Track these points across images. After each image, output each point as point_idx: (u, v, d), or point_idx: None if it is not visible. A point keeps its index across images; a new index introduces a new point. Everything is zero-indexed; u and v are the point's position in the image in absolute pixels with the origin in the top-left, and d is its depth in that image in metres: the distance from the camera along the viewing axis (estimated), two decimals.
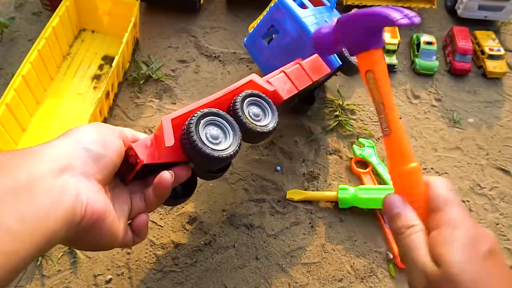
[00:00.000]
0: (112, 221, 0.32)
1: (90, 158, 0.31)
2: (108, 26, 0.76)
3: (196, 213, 0.58)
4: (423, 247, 0.31)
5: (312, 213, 0.60)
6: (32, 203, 0.26)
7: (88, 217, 0.29)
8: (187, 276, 0.53)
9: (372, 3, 0.84)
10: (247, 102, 0.43)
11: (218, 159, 0.37)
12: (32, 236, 0.25)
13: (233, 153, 0.39)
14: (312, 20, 0.59)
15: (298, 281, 0.54)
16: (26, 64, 0.61)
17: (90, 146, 0.31)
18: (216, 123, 0.39)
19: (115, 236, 0.33)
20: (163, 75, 0.73)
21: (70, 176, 0.29)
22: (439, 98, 0.77)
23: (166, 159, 0.38)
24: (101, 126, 0.35)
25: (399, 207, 0.33)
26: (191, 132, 0.37)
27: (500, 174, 0.68)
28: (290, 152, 0.65)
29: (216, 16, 0.85)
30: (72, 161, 0.30)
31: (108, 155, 0.32)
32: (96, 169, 0.31)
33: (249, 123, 0.41)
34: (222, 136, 0.39)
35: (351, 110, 0.72)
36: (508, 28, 0.91)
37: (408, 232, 0.32)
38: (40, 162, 0.28)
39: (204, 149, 0.36)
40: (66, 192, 0.28)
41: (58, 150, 0.30)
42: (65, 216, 0.27)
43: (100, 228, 0.31)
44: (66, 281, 0.51)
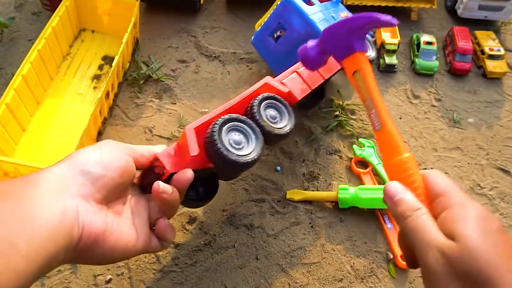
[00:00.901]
0: (118, 237, 0.33)
1: (87, 180, 0.32)
2: (108, 26, 0.76)
3: (196, 213, 0.58)
4: (433, 226, 0.30)
5: (312, 213, 0.60)
6: (37, 228, 0.27)
7: (85, 239, 0.30)
8: (187, 276, 0.53)
9: (372, 3, 0.84)
10: (264, 105, 0.44)
11: (244, 165, 0.38)
12: (38, 257, 0.26)
13: (257, 157, 0.39)
14: (319, 16, 0.60)
15: (298, 281, 0.54)
16: (26, 64, 0.61)
17: (87, 168, 0.32)
18: (237, 128, 0.40)
19: (126, 248, 0.34)
20: (163, 75, 0.73)
21: (68, 198, 0.30)
22: (439, 98, 0.77)
23: (191, 167, 0.38)
24: (106, 145, 0.35)
25: (401, 192, 0.33)
26: (215, 140, 0.37)
27: (500, 174, 0.68)
28: (290, 152, 0.65)
29: (216, 16, 0.85)
30: (69, 184, 0.31)
31: (108, 175, 0.33)
32: (94, 190, 0.32)
33: (268, 126, 0.42)
34: (244, 141, 0.40)
35: (351, 110, 0.72)
36: (508, 28, 0.91)
37: (415, 215, 0.31)
38: (41, 187, 0.29)
39: (229, 156, 0.37)
40: (65, 216, 0.29)
41: (55, 176, 0.31)
42: (64, 240, 0.28)
43: (100, 247, 0.32)
44: (66, 281, 0.51)
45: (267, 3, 0.75)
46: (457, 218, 0.30)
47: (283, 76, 0.51)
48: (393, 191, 0.33)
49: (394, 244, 0.57)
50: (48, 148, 0.62)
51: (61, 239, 0.28)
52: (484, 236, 0.28)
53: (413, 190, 0.34)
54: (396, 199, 0.33)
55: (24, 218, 0.27)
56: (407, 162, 0.35)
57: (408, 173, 0.35)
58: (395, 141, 0.37)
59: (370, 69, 0.40)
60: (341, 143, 0.68)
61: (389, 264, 0.56)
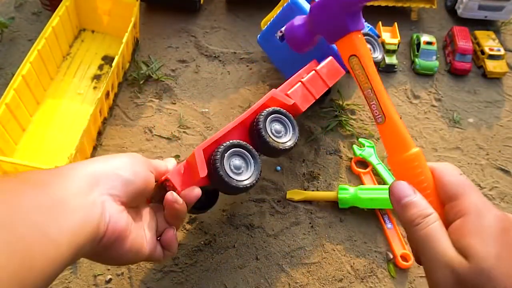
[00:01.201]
0: (133, 239, 0.34)
1: (119, 182, 0.33)
2: (108, 26, 0.76)
3: None
4: (445, 238, 0.27)
5: (312, 213, 0.60)
6: (67, 217, 0.28)
7: (109, 235, 0.31)
8: (187, 276, 0.53)
9: (372, 3, 0.84)
10: (270, 120, 0.46)
11: (241, 189, 0.42)
12: (68, 246, 0.27)
13: (255, 182, 0.43)
14: None
15: (298, 281, 0.54)
16: (26, 64, 0.61)
17: (121, 172, 0.34)
18: (238, 153, 0.43)
19: (138, 252, 0.35)
20: (163, 75, 0.73)
21: (98, 194, 0.31)
22: (439, 98, 0.77)
23: (199, 185, 0.42)
24: (135, 156, 0.37)
25: (410, 195, 0.29)
26: (217, 167, 0.40)
27: (500, 174, 0.68)
28: (290, 152, 0.65)
29: (216, 16, 0.85)
30: (101, 182, 0.32)
31: (136, 183, 0.35)
32: (123, 193, 0.33)
33: (272, 142, 0.45)
34: (244, 166, 0.43)
35: (351, 110, 0.72)
36: (508, 28, 0.91)
37: (425, 222, 0.27)
38: (73, 179, 0.31)
39: (229, 181, 0.41)
40: (94, 210, 0.30)
41: (91, 169, 0.32)
42: (92, 231, 0.29)
43: (120, 246, 0.33)
44: (66, 281, 0.51)
45: (267, 3, 0.75)
46: (473, 231, 0.26)
47: (288, 86, 0.52)
48: (401, 193, 0.29)
49: (394, 244, 0.57)
50: (48, 148, 0.62)
51: (89, 230, 0.29)
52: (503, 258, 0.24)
53: (421, 190, 0.30)
54: (403, 202, 0.29)
55: (56, 207, 0.28)
56: (414, 159, 0.31)
57: (416, 172, 0.30)
58: (400, 134, 0.32)
59: (368, 52, 0.35)
60: (341, 143, 0.68)
61: (389, 264, 0.56)
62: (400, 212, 0.30)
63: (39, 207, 0.27)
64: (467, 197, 0.28)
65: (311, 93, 0.53)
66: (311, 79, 0.53)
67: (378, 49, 0.62)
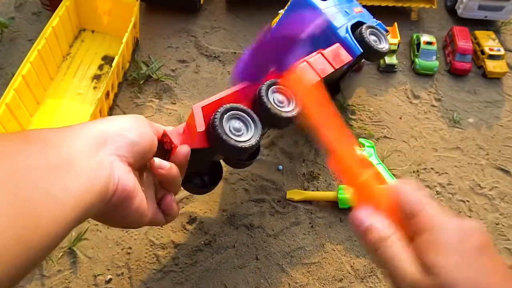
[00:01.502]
0: (140, 200, 0.34)
1: (125, 143, 0.33)
2: (108, 26, 0.76)
3: (196, 213, 0.58)
4: (406, 257, 0.27)
5: (312, 213, 0.60)
6: (74, 178, 0.27)
7: (119, 194, 0.31)
8: (187, 276, 0.53)
9: (372, 3, 0.84)
10: (272, 90, 0.46)
11: (241, 149, 0.40)
12: (75, 207, 0.27)
13: (254, 143, 0.41)
14: (332, 11, 0.61)
15: (298, 281, 0.54)
16: (26, 64, 0.61)
17: (127, 133, 0.34)
18: (238, 117, 0.43)
19: (142, 214, 0.35)
20: (163, 75, 0.73)
21: (105, 154, 0.31)
22: (439, 98, 0.77)
23: (199, 145, 0.40)
24: (139, 118, 0.37)
25: (367, 220, 0.30)
26: (216, 126, 0.40)
27: (500, 174, 0.68)
28: (290, 152, 0.65)
29: (216, 16, 0.85)
30: (108, 141, 0.32)
31: (142, 143, 0.34)
32: (129, 154, 0.33)
33: (273, 109, 0.44)
34: (244, 129, 0.42)
35: (351, 110, 0.72)
36: (508, 28, 0.91)
37: (385, 244, 0.28)
38: (80, 139, 0.30)
39: (228, 140, 0.40)
40: (102, 169, 0.30)
41: (97, 130, 0.32)
42: (101, 191, 0.29)
43: (128, 206, 0.33)
44: (66, 281, 0.51)
45: (267, 3, 0.75)
46: (433, 247, 0.26)
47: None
48: (359, 220, 0.30)
49: None
50: None
51: (98, 190, 0.29)
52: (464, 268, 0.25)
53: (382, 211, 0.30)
54: (362, 229, 0.30)
55: (61, 167, 0.27)
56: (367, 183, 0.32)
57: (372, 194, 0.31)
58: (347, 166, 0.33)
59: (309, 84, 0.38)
60: None
61: None
62: (361, 239, 0.30)
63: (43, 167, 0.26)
64: (424, 213, 0.28)
65: (316, 72, 0.52)
66: (317, 60, 0.53)
67: (383, 40, 0.62)
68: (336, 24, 0.59)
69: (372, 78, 0.77)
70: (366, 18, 0.66)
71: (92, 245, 0.54)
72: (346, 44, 0.58)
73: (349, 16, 0.63)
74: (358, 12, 0.66)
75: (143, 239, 0.55)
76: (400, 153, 0.68)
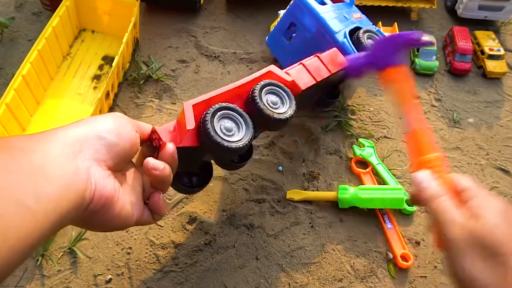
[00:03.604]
0: (122, 204, 0.33)
1: (103, 146, 0.32)
2: (108, 26, 0.76)
3: (196, 213, 0.58)
4: (456, 210, 0.35)
5: (312, 213, 0.60)
6: (47, 185, 0.27)
7: (96, 200, 0.30)
8: (187, 276, 0.53)
9: (372, 3, 0.84)
10: (265, 91, 0.45)
11: (231, 150, 0.40)
12: (47, 216, 0.26)
13: (245, 144, 0.41)
14: (331, 16, 0.60)
15: (298, 281, 0.54)
16: (26, 64, 0.61)
17: (104, 134, 0.32)
18: (230, 116, 0.42)
19: (126, 218, 0.34)
20: (163, 75, 0.73)
21: (82, 160, 0.30)
22: (439, 98, 0.77)
23: (188, 143, 0.39)
24: (118, 117, 0.36)
25: (427, 180, 0.38)
26: (206, 124, 0.39)
27: (500, 174, 0.68)
28: (290, 152, 0.65)
29: (216, 16, 0.85)
30: (85, 146, 0.31)
31: (121, 144, 0.34)
32: (108, 157, 0.32)
33: (266, 110, 0.43)
34: (235, 129, 0.41)
35: (351, 110, 0.72)
36: (508, 28, 0.91)
37: (439, 200, 0.36)
38: (54, 145, 0.29)
39: (218, 140, 0.39)
40: (78, 176, 0.29)
41: (73, 134, 0.31)
42: (76, 199, 0.28)
43: (108, 211, 0.32)
44: (66, 281, 0.51)
45: (267, 3, 0.75)
46: (480, 205, 0.34)
47: (289, 68, 0.51)
48: (420, 178, 0.38)
49: (394, 244, 0.57)
50: None
51: (73, 197, 0.28)
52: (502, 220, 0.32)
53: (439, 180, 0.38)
54: (422, 185, 0.37)
55: (33, 174, 0.26)
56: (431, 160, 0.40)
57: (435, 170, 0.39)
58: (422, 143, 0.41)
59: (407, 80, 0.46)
60: (341, 143, 0.68)
61: (389, 264, 0.56)
62: (420, 193, 0.37)
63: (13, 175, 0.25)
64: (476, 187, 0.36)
65: (312, 76, 0.51)
66: (313, 63, 0.53)
67: None
68: (334, 29, 0.59)
69: (372, 78, 0.77)
70: (365, 24, 0.66)
71: (92, 245, 0.54)
72: (344, 49, 0.58)
73: (347, 21, 0.62)
74: (357, 18, 0.65)
75: (143, 239, 0.55)
76: (400, 153, 0.68)
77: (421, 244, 0.58)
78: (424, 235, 0.59)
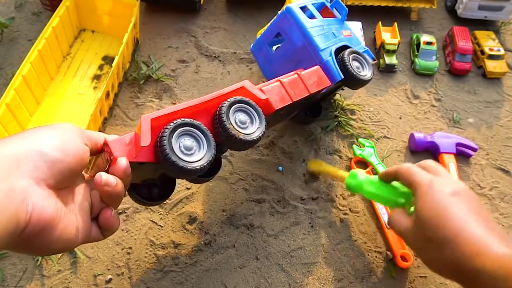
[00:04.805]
0: (64, 227, 0.30)
1: (44, 162, 0.29)
2: (108, 26, 0.76)
3: (196, 213, 0.58)
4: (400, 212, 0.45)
5: (312, 213, 0.60)
6: None
7: (33, 224, 0.27)
8: (187, 276, 0.53)
9: (372, 3, 0.84)
10: (234, 109, 0.42)
11: (185, 170, 0.37)
12: None
13: (204, 166, 0.38)
14: (317, 32, 0.57)
15: (298, 281, 0.54)
16: (26, 64, 0.61)
17: (46, 150, 0.29)
18: (192, 134, 0.39)
19: (68, 240, 0.31)
20: (163, 75, 0.73)
21: (18, 179, 0.27)
22: (439, 98, 0.77)
23: (142, 159, 0.37)
24: (65, 129, 0.33)
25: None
26: (163, 139, 0.36)
27: (500, 174, 0.68)
28: (290, 152, 0.65)
29: (216, 16, 0.85)
30: (23, 163, 0.28)
31: (66, 161, 0.30)
32: (49, 174, 0.29)
33: (232, 130, 0.40)
34: (195, 147, 0.38)
35: (351, 110, 0.72)
36: (508, 28, 0.91)
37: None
38: None
39: (171, 157, 0.36)
40: (11, 198, 0.26)
41: (9, 151, 0.28)
42: (9, 223, 0.25)
43: (48, 235, 0.29)
44: (66, 281, 0.51)
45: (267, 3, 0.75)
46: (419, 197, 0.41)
47: (265, 84, 0.49)
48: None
49: (394, 244, 0.57)
50: None
51: (5, 222, 0.25)
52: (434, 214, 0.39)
53: None
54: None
55: None
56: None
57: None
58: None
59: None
60: (341, 143, 0.68)
61: (389, 264, 0.56)
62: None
63: None
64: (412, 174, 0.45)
65: (289, 95, 0.48)
66: (291, 81, 0.50)
67: (367, 67, 0.59)
68: (319, 46, 0.56)
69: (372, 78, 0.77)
70: (354, 43, 0.63)
71: (92, 245, 0.54)
72: (327, 68, 0.55)
73: (335, 38, 0.59)
74: (347, 35, 0.62)
75: (143, 239, 0.55)
76: (400, 153, 0.68)
77: None
78: None
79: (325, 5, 0.64)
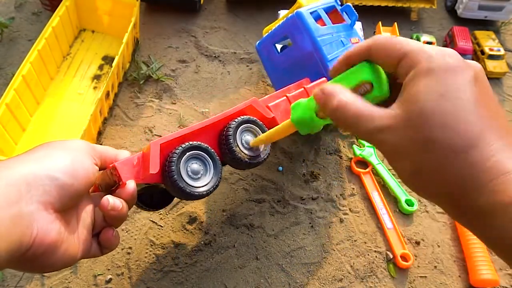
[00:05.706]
0: (66, 248, 0.31)
1: (54, 187, 0.29)
2: (108, 26, 0.76)
3: (196, 213, 0.58)
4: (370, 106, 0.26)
5: (312, 213, 0.60)
6: None
7: (36, 247, 0.28)
8: (187, 276, 0.53)
9: (372, 3, 0.84)
10: (241, 129, 0.43)
11: (193, 196, 0.38)
12: None
13: (210, 191, 0.38)
14: (326, 41, 0.56)
15: (298, 281, 0.54)
16: (26, 64, 0.61)
17: (57, 175, 0.30)
18: (199, 157, 0.39)
19: (69, 260, 0.32)
20: (163, 75, 0.73)
21: (27, 204, 0.27)
22: None
23: (149, 181, 0.37)
24: (77, 150, 0.33)
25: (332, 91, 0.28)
26: (171, 165, 0.37)
27: None
28: (290, 152, 0.65)
29: (216, 16, 0.85)
30: (33, 188, 0.28)
31: (75, 185, 0.31)
32: (57, 198, 0.30)
33: (239, 152, 0.41)
34: (202, 171, 0.39)
35: None
36: (508, 28, 0.91)
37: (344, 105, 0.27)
38: None
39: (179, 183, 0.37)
40: (18, 223, 0.27)
41: (21, 175, 0.28)
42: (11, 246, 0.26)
43: (50, 256, 0.30)
44: (66, 281, 0.51)
45: (267, 3, 0.75)
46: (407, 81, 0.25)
47: (272, 99, 0.49)
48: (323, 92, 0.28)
49: (394, 244, 0.57)
50: None
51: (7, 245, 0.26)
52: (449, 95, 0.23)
53: None
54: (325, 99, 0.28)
55: None
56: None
57: None
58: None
59: None
60: (341, 143, 0.68)
61: (389, 264, 0.56)
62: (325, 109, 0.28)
63: None
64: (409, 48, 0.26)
65: None
66: (298, 96, 0.49)
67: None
68: (328, 56, 0.55)
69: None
70: None
71: None
72: None
73: (344, 47, 0.58)
74: (355, 43, 0.61)
75: (143, 239, 0.55)
76: None
77: (421, 244, 0.58)
78: (424, 235, 0.59)
79: (335, 7, 0.63)
